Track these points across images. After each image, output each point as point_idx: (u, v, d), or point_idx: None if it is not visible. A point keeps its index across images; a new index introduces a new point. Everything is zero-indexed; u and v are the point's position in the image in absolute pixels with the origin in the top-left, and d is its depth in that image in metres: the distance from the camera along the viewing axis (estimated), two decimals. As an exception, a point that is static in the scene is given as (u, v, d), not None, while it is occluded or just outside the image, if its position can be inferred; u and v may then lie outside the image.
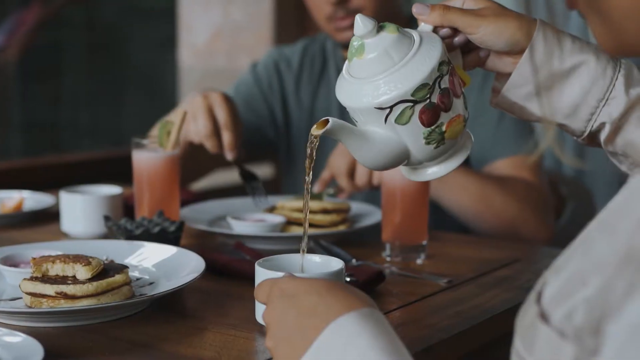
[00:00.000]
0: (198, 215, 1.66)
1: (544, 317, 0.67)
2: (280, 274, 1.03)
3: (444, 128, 1.07)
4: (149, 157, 1.54)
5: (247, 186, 1.74)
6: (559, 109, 1.10)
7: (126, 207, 1.66)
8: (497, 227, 1.76)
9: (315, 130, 1.06)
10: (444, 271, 1.39)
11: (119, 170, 2.52)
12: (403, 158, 1.09)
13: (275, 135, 2.10)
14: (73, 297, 1.12)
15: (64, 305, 1.11)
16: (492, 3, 1.12)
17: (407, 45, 1.06)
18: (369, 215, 1.67)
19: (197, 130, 1.68)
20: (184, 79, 3.24)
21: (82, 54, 4.64)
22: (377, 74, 1.05)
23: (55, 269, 1.16)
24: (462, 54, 1.14)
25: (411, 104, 1.04)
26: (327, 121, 1.04)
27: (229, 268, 1.34)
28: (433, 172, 1.13)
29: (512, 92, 1.11)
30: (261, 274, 1.09)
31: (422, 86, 1.04)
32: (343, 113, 2.00)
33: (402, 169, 1.16)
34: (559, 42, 1.09)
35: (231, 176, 2.81)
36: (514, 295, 1.28)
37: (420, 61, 1.04)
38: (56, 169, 2.42)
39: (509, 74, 1.11)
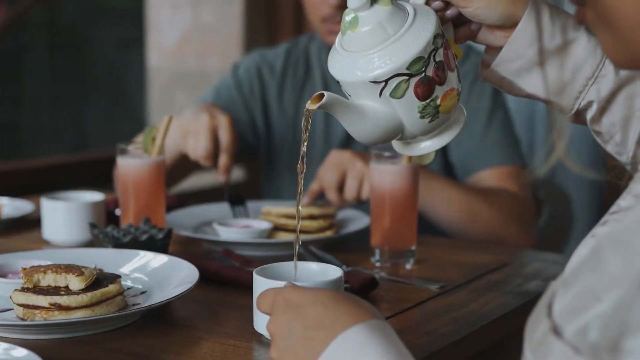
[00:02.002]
0: (182, 221, 1.64)
1: (556, 331, 0.67)
2: (281, 283, 1.02)
3: (438, 102, 1.07)
4: (134, 164, 1.51)
5: (232, 209, 1.73)
6: (547, 85, 1.10)
7: (107, 213, 1.63)
8: (482, 239, 1.76)
9: (311, 105, 1.05)
10: (433, 276, 1.39)
11: (86, 175, 2.50)
12: (397, 132, 1.08)
13: (255, 140, 2.08)
14: (67, 309, 1.10)
15: (58, 316, 1.09)
16: None
17: (402, 18, 1.05)
18: (355, 220, 1.66)
19: (195, 148, 1.68)
20: (152, 81, 3.21)
21: (44, 55, 4.58)
22: (371, 48, 1.04)
23: (47, 280, 1.14)
24: (453, 27, 1.14)
25: (406, 77, 1.03)
26: (322, 95, 1.03)
27: (220, 276, 1.32)
28: (426, 146, 1.13)
29: (502, 66, 1.11)
30: (261, 283, 1.07)
31: (417, 59, 1.03)
32: (328, 115, 1.99)
33: (394, 144, 1.15)
34: (551, 18, 1.08)
35: (208, 179, 2.79)
36: (508, 300, 1.28)
37: (415, 34, 1.04)
38: (21, 175, 2.38)
39: (500, 48, 1.11)
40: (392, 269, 1.44)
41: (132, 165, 1.52)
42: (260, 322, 1.08)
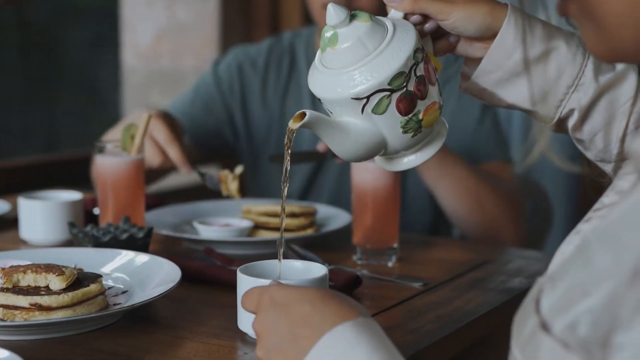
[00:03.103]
0: (161, 220, 1.62)
1: (545, 327, 0.66)
2: (266, 282, 1.01)
3: (420, 116, 1.06)
4: (112, 162, 1.50)
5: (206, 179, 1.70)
6: (528, 95, 1.10)
7: (85, 212, 1.61)
8: (480, 226, 1.76)
9: (293, 124, 1.04)
10: (416, 274, 1.39)
11: (60, 175, 2.47)
12: (380, 148, 1.08)
13: (235, 139, 2.07)
14: (48, 309, 1.08)
15: (39, 317, 1.07)
16: None
17: (381, 33, 1.04)
18: (336, 218, 1.66)
19: (148, 161, 1.66)
20: (127, 81, 3.19)
21: (15, 55, 4.53)
22: (352, 64, 1.03)
23: (27, 280, 1.12)
24: (432, 40, 1.13)
25: (388, 93, 1.03)
26: (304, 114, 1.02)
27: (202, 275, 1.31)
28: (409, 160, 1.12)
29: (482, 78, 1.11)
30: (245, 281, 1.06)
31: (398, 74, 1.02)
32: (315, 110, 1.98)
33: (377, 159, 1.14)
34: (530, 28, 1.08)
35: (186, 177, 2.77)
36: (492, 297, 1.28)
37: (395, 49, 1.03)
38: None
39: (479, 59, 1.11)
40: (374, 266, 1.44)
41: (111, 163, 1.50)
42: (245, 321, 1.07)
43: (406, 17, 1.10)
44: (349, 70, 1.03)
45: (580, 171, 1.14)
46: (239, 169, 1.61)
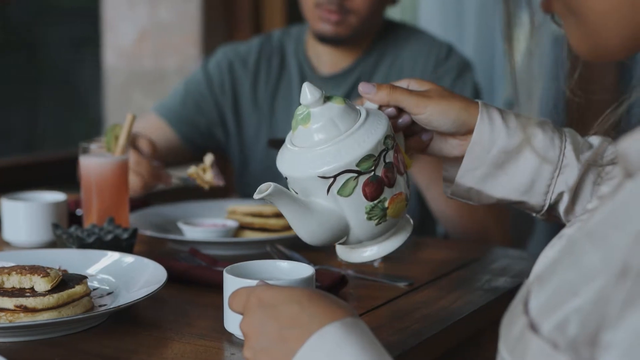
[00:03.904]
0: (146, 220, 1.61)
1: (533, 327, 0.66)
2: (253, 282, 1.01)
3: (386, 204, 1.06)
4: (97, 163, 1.49)
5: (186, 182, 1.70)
6: (515, 186, 1.11)
7: (68, 213, 1.61)
8: (469, 230, 1.77)
9: (256, 195, 1.03)
10: (402, 274, 1.39)
11: (41, 176, 2.45)
12: (342, 234, 1.08)
13: (225, 138, 2.06)
14: (33, 310, 1.07)
15: (24, 319, 1.07)
16: (436, 86, 1.13)
17: (354, 116, 1.05)
18: (320, 218, 1.65)
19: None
20: (108, 81, 3.17)
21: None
22: (322, 143, 1.04)
23: (12, 281, 1.12)
24: (404, 138, 1.15)
25: (355, 174, 1.03)
26: (268, 186, 1.02)
27: (188, 275, 1.31)
28: (371, 252, 1.12)
29: (466, 177, 1.13)
30: (232, 282, 1.06)
31: (367, 157, 1.03)
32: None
33: (337, 249, 1.15)
34: (503, 120, 1.10)
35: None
36: (477, 297, 1.28)
37: (366, 132, 1.04)
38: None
39: (456, 159, 1.13)
40: (359, 266, 1.44)
41: (95, 164, 1.49)
42: (231, 321, 1.07)
43: (380, 109, 1.11)
44: (318, 149, 1.03)
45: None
46: (208, 159, 1.57)
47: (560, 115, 3.09)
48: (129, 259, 1.28)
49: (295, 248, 1.48)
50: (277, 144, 1.64)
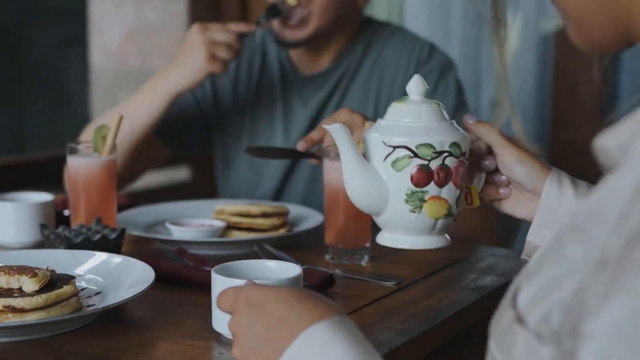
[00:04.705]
0: (133, 220, 1.62)
1: (520, 321, 0.67)
2: (241, 282, 1.01)
3: (426, 197, 1.15)
4: (84, 163, 1.49)
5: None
6: None
7: (56, 214, 1.61)
8: (456, 230, 1.77)
9: (325, 123, 1.22)
10: (389, 273, 1.39)
11: (27, 176, 2.45)
12: (380, 205, 1.16)
13: (207, 138, 2.06)
14: (22, 311, 1.07)
15: (13, 319, 1.07)
16: (523, 141, 1.23)
17: (439, 115, 1.17)
18: (308, 218, 1.66)
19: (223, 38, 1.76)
20: (95, 81, 3.17)
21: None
22: (399, 119, 1.16)
23: (0, 282, 1.12)
24: (485, 182, 1.23)
25: (411, 154, 1.13)
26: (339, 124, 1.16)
27: (175, 275, 1.31)
28: (402, 241, 1.19)
29: (536, 235, 1.17)
30: (220, 282, 1.06)
31: (427, 145, 1.13)
32: (287, 111, 1.98)
33: (378, 237, 1.22)
34: (573, 184, 1.17)
35: (157, 178, 2.77)
36: (464, 296, 1.29)
37: (438, 129, 1.15)
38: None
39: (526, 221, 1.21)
40: (347, 266, 1.45)
41: (82, 164, 1.49)
42: (219, 321, 1.07)
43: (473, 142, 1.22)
44: (394, 122, 1.16)
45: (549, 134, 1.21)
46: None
47: (546, 110, 3.10)
48: (116, 259, 1.28)
49: (282, 248, 1.48)
50: (255, 151, 1.65)
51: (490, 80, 2.92)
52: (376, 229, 1.41)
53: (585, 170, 1.12)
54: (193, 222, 1.59)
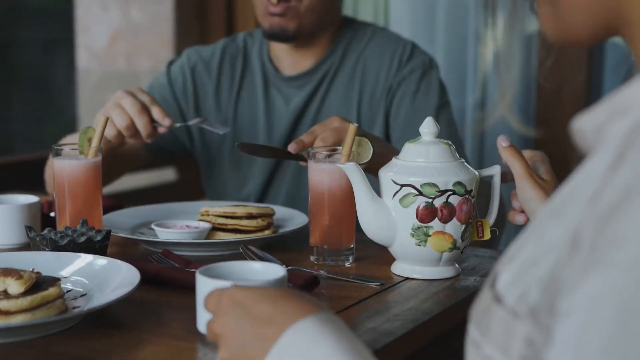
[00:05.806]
0: (119, 222, 1.62)
1: (498, 300, 0.68)
2: (226, 283, 1.02)
3: (430, 232, 1.30)
4: (70, 165, 1.49)
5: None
6: None
7: (42, 215, 1.61)
8: None
9: (342, 160, 1.41)
10: (373, 274, 1.40)
11: (12, 178, 2.45)
12: (389, 236, 1.33)
13: (190, 142, 2.07)
14: (7, 313, 1.08)
15: (-2, 321, 1.07)
16: (554, 181, 1.29)
17: (448, 155, 1.31)
18: (292, 219, 1.67)
19: (123, 112, 1.64)
20: (81, 82, 3.17)
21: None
22: (409, 159, 1.32)
23: (-15, 284, 1.12)
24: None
25: (416, 192, 1.29)
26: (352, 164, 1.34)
27: (161, 277, 1.32)
28: (414, 270, 1.36)
29: None
30: (205, 283, 1.07)
31: (431, 184, 1.27)
32: (270, 111, 1.99)
33: (392, 265, 1.40)
34: None
35: (143, 178, 2.77)
36: (447, 295, 1.30)
37: (442, 170, 1.29)
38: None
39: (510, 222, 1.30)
40: (331, 267, 1.45)
41: (68, 166, 1.49)
42: (204, 322, 1.07)
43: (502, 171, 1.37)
44: (403, 161, 1.32)
45: (534, 135, 1.24)
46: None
47: (532, 103, 3.09)
48: (102, 261, 1.29)
49: (267, 249, 1.49)
50: (247, 147, 1.65)
51: (475, 81, 2.93)
52: (360, 230, 1.43)
53: (567, 167, 1.14)
54: (178, 224, 1.59)
